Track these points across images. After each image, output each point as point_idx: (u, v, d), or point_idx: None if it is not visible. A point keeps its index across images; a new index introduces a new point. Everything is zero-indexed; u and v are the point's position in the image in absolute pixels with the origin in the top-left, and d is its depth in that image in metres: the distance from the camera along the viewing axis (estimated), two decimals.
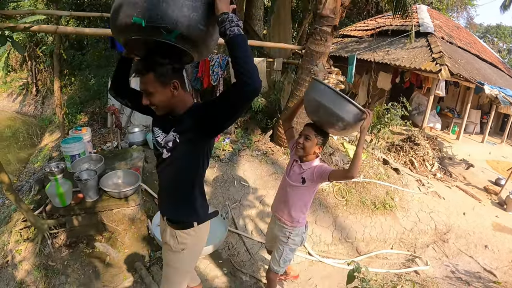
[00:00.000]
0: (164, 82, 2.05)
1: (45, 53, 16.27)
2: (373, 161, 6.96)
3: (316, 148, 3.09)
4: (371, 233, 5.60)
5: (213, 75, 7.83)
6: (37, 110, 17.17)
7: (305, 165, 3.14)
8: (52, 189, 4.55)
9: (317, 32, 5.78)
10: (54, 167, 4.63)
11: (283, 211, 3.34)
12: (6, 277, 4.29)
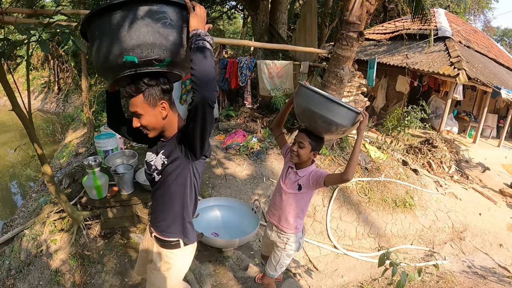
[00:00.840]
0: (153, 104, 2.06)
1: (67, 52, 16.59)
2: (393, 162, 7.15)
3: (311, 154, 2.96)
4: (392, 229, 5.79)
5: (241, 77, 8.10)
6: (59, 108, 17.49)
7: (301, 172, 3.03)
8: (90, 182, 4.76)
9: (343, 37, 5.98)
10: (92, 161, 4.85)
11: (279, 218, 3.23)
12: (40, 265, 4.47)
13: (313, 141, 2.90)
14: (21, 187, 10.77)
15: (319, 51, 6.91)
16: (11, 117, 17.76)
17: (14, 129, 16.13)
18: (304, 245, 5.13)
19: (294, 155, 2.95)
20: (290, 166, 3.14)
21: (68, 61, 17.04)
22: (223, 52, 10.11)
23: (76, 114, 14.76)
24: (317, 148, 2.96)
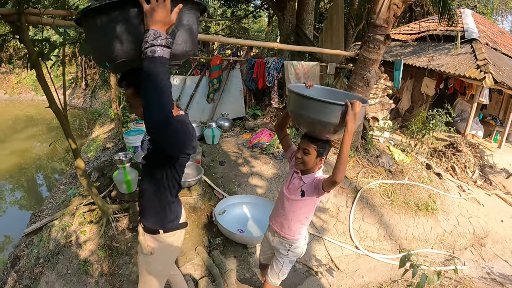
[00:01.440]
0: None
1: None
2: (417, 165, 7.16)
3: (318, 160, 2.82)
4: (413, 232, 5.80)
5: (269, 77, 8.20)
6: (86, 103, 17.86)
7: (306, 178, 2.90)
8: (120, 176, 4.94)
9: (370, 40, 6.01)
10: (122, 156, 5.01)
11: (281, 225, 3.12)
12: (69, 255, 4.61)
13: (318, 147, 2.74)
14: (47, 179, 11.08)
15: (346, 53, 6.94)
16: (38, 111, 18.23)
17: (41, 123, 16.55)
18: (326, 244, 5.21)
19: (299, 162, 2.83)
20: (295, 171, 3.01)
21: None
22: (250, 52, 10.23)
23: (103, 110, 15.08)
24: (324, 153, 2.81)
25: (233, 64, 9.37)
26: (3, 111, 18.72)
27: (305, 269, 4.80)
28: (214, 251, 4.71)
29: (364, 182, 6.21)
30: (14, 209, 9.36)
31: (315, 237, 5.28)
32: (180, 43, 1.87)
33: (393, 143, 7.79)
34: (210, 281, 4.27)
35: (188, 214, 5.25)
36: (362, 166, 6.53)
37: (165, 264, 2.68)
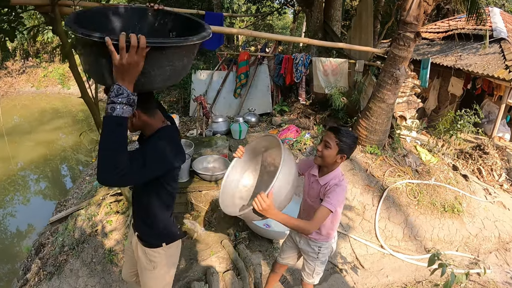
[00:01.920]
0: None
1: None
2: (443, 166, 7.05)
3: (338, 157, 2.66)
4: (438, 234, 5.72)
5: (297, 73, 8.21)
6: None
7: (323, 180, 2.77)
8: None
9: (400, 37, 5.95)
10: None
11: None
12: (95, 244, 4.71)
13: (341, 142, 2.61)
14: (71, 170, 11.26)
15: (376, 50, 6.89)
16: (64, 104, 18.55)
17: (67, 116, 16.80)
18: (352, 242, 5.20)
19: (318, 155, 2.71)
20: (312, 174, 2.89)
21: None
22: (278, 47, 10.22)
23: None
24: (346, 151, 2.65)
25: (261, 59, 9.40)
26: (30, 104, 19.07)
27: (330, 266, 4.79)
28: (240, 245, 4.73)
29: (391, 181, 6.16)
30: (39, 198, 9.54)
31: (341, 234, 5.28)
32: (159, 81, 1.79)
33: (419, 143, 7.68)
34: (235, 274, 4.30)
35: (214, 207, 5.31)
36: (389, 165, 6.47)
37: (169, 275, 2.64)
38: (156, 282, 2.55)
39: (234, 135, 7.39)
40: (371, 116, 6.48)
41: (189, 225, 5.03)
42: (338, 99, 7.25)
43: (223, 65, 10.06)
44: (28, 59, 21.94)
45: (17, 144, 12.95)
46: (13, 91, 20.16)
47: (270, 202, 2.14)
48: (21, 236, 7.58)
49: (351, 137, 2.66)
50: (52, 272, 4.59)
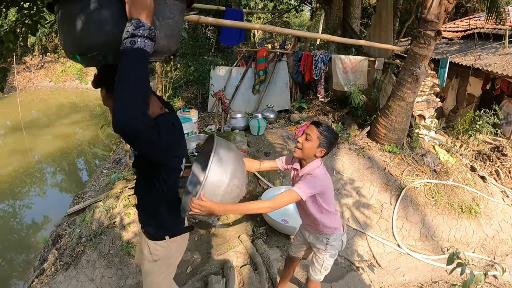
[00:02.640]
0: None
1: None
2: (461, 167, 6.98)
3: (318, 151, 2.64)
4: (455, 235, 5.67)
5: (316, 70, 8.21)
6: None
7: (302, 171, 2.76)
8: None
9: (421, 35, 5.90)
10: None
11: (311, 226, 3.05)
12: (112, 236, 4.73)
13: (322, 136, 2.60)
14: (87, 164, 11.39)
15: (395, 47, 6.83)
16: (82, 99, 18.78)
17: (84, 110, 17.01)
18: (369, 240, 5.18)
19: (298, 147, 2.69)
20: (294, 168, 2.89)
21: None
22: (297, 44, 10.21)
23: None
24: (326, 145, 2.63)
25: (280, 56, 9.40)
26: (48, 98, 19.35)
27: (346, 263, 4.79)
28: (257, 240, 4.75)
29: (409, 180, 6.12)
30: (55, 191, 9.67)
31: (358, 232, 5.26)
32: (162, 37, 1.67)
33: (438, 142, 7.61)
34: (252, 269, 4.31)
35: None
36: (407, 164, 6.44)
37: (170, 271, 2.61)
38: (155, 276, 2.52)
39: (253, 131, 7.40)
40: (390, 115, 6.45)
41: (207, 219, 5.05)
42: (357, 97, 7.22)
43: (242, 62, 10.11)
44: (47, 54, 22.28)
45: (35, 137, 13.15)
46: (32, 85, 20.48)
47: (207, 202, 2.10)
48: (37, 228, 7.69)
49: (333, 133, 2.67)
50: (69, 262, 4.63)
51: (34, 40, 20.92)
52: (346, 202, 5.69)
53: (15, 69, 19.28)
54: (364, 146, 6.81)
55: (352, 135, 7.12)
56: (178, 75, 10.07)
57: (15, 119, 14.57)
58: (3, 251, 6.79)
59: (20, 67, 20.71)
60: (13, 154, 11.46)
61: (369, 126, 7.20)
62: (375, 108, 7.42)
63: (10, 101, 17.37)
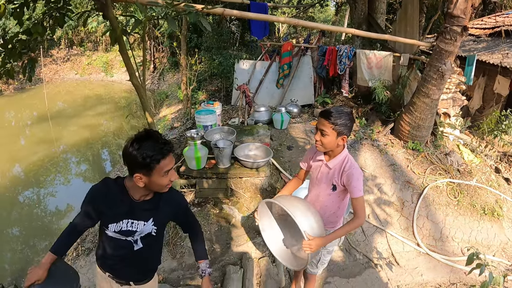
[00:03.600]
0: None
1: (163, 34, 17.46)
2: (485, 168, 6.86)
3: (339, 140, 2.54)
4: (476, 237, 5.56)
5: (340, 65, 8.16)
6: (154, 85, 18.49)
7: (331, 163, 2.67)
8: (191, 153, 5.12)
9: (447, 31, 5.80)
10: (194, 134, 5.23)
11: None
12: None
13: (337, 126, 2.47)
14: (111, 154, 11.59)
15: (421, 43, 6.74)
16: (107, 91, 19.06)
17: (109, 102, 17.28)
18: (388, 238, 5.14)
19: (319, 144, 2.59)
20: (318, 160, 2.79)
21: (164, 43, 17.89)
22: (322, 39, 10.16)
23: (170, 92, 15.60)
24: (345, 131, 2.52)
25: (304, 50, 9.36)
26: (74, 90, 19.71)
27: (365, 260, 4.76)
28: None
29: (432, 179, 6.03)
30: (79, 180, 9.88)
31: (378, 229, 5.21)
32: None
33: (462, 142, 7.48)
34: (270, 261, 4.33)
35: (253, 194, 5.38)
36: (430, 162, 6.34)
37: None
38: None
39: (276, 125, 7.41)
40: (414, 111, 6.37)
41: (228, 210, 5.11)
42: (382, 92, 7.15)
43: (266, 55, 10.10)
44: (72, 47, 22.66)
45: (60, 127, 13.42)
46: (58, 77, 20.88)
47: (314, 240, 2.44)
48: (60, 215, 7.86)
49: (345, 115, 2.51)
50: (90, 248, 4.75)
51: (61, 33, 21.31)
52: (367, 199, 5.64)
53: (42, 62, 19.72)
54: (387, 143, 6.76)
55: (375, 132, 7.06)
56: (202, 68, 10.14)
57: (42, 110, 14.90)
58: (28, 237, 6.97)
59: (46, 60, 21.14)
60: (39, 144, 11.72)
61: (392, 123, 7.14)
62: (399, 104, 7.33)
63: (36, 93, 17.74)
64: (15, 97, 17.72)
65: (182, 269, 4.34)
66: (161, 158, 2.00)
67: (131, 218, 2.23)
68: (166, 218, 2.42)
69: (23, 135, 13.36)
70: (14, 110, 16.12)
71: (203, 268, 2.52)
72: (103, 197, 2.22)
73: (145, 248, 2.32)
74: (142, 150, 1.97)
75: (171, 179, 2.13)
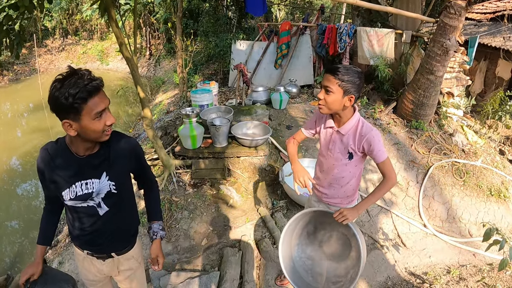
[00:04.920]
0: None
1: (158, 21, 17.27)
2: (490, 149, 6.70)
3: (346, 100, 2.27)
4: (483, 218, 5.37)
5: (340, 43, 7.95)
6: (150, 72, 18.37)
7: (344, 129, 2.42)
8: (186, 131, 4.91)
9: (451, 5, 5.62)
10: (189, 111, 5.03)
11: (331, 195, 2.74)
12: None
13: (344, 82, 2.20)
14: None
15: (425, 18, 6.54)
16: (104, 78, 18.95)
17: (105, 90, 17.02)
18: (394, 218, 4.97)
19: (321, 104, 2.33)
20: (328, 127, 2.53)
21: (160, 29, 17.73)
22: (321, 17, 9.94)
23: (166, 78, 15.52)
24: (352, 90, 2.24)
25: (303, 30, 9.14)
26: None
27: (370, 241, 4.58)
28: (277, 213, 4.61)
29: (436, 158, 5.86)
30: None
31: (383, 209, 5.02)
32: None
33: (465, 123, 7.31)
34: (271, 243, 4.15)
35: (252, 174, 5.21)
36: (434, 142, 6.17)
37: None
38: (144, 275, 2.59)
39: (275, 105, 7.20)
40: (418, 89, 6.20)
41: (225, 191, 4.93)
42: (384, 70, 6.95)
43: (263, 36, 9.92)
44: (67, 37, 22.46)
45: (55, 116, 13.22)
46: (53, 67, 20.70)
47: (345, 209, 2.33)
48: None
49: (354, 73, 2.25)
50: None
51: (55, 23, 21.12)
52: (371, 178, 5.46)
53: (37, 52, 19.54)
54: (389, 122, 6.59)
55: (377, 111, 6.89)
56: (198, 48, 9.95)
57: (37, 100, 14.75)
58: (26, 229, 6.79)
59: (41, 50, 20.92)
60: (35, 132, 11.62)
61: (395, 102, 6.97)
62: (402, 82, 7.16)
63: (32, 83, 17.61)
64: (10, 88, 17.53)
65: (177, 253, 4.16)
66: (87, 96, 1.70)
67: (82, 178, 1.94)
68: (123, 170, 2.07)
69: (19, 125, 13.22)
70: (9, 101, 15.95)
71: (155, 230, 2.30)
72: (48, 165, 1.94)
73: (112, 210, 2.07)
74: (64, 89, 1.66)
75: (106, 123, 1.82)
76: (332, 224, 2.64)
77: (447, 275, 4.27)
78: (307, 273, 2.73)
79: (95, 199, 1.98)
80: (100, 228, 2.10)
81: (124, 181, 2.12)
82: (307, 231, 2.80)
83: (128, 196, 2.21)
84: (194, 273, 3.72)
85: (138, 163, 2.17)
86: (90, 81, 1.72)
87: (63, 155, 1.92)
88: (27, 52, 20.02)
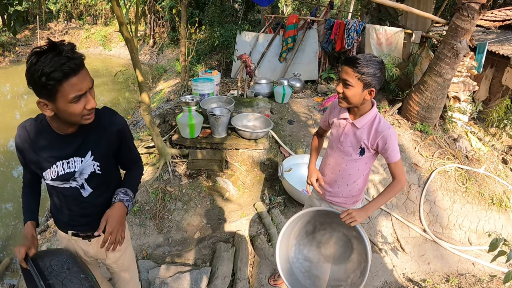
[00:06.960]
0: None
1: (163, 8, 17.11)
2: (493, 157, 6.60)
3: (365, 93, 2.16)
4: (484, 226, 5.30)
5: (348, 39, 7.85)
6: (152, 60, 18.27)
7: (359, 122, 2.29)
8: (184, 119, 4.77)
9: (464, 7, 5.51)
10: (189, 99, 4.88)
11: (335, 193, 2.61)
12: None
13: (363, 75, 2.07)
14: None
15: (437, 18, 6.42)
16: (104, 65, 18.88)
17: (106, 76, 17.11)
18: (394, 221, 4.86)
19: (341, 97, 2.23)
20: (343, 118, 2.39)
21: (165, 17, 17.59)
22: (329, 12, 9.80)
23: (169, 66, 15.45)
24: (373, 83, 2.12)
25: (310, 24, 9.01)
26: None
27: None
28: (274, 210, 4.49)
29: (440, 163, 5.74)
30: None
31: (383, 212, 4.91)
32: None
33: (470, 129, 7.21)
34: (266, 240, 4.02)
35: (250, 168, 5.09)
36: (438, 146, 6.07)
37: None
38: (133, 257, 2.46)
39: (277, 99, 7.09)
40: (425, 91, 6.09)
41: (221, 184, 4.80)
42: (391, 70, 6.83)
43: (269, 28, 9.82)
44: (71, 20, 22.35)
45: None
46: None
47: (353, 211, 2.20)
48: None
49: (374, 64, 2.10)
50: None
51: (60, 6, 20.97)
52: (372, 179, 5.34)
53: (39, 34, 19.53)
54: (394, 123, 6.48)
55: (382, 111, 6.78)
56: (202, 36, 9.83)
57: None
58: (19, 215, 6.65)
59: (44, 33, 20.82)
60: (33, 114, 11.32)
61: (400, 102, 6.86)
62: (409, 83, 7.05)
63: None
64: (11, 69, 17.50)
65: (168, 245, 4.04)
66: (62, 77, 1.49)
67: (65, 157, 1.80)
68: (108, 148, 1.91)
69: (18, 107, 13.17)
70: (9, 83, 15.89)
71: (121, 196, 1.92)
72: (26, 144, 1.82)
73: (96, 192, 1.93)
74: (38, 66, 1.47)
75: (86, 107, 1.64)
76: (333, 225, 2.52)
77: (446, 284, 4.17)
78: (304, 276, 2.61)
79: (78, 180, 1.85)
80: (83, 211, 1.97)
81: (110, 162, 1.98)
82: (306, 231, 2.67)
83: (114, 177, 2.07)
84: (184, 267, 3.60)
85: (125, 143, 2.01)
86: (67, 60, 1.50)
87: (44, 132, 1.79)
88: (29, 33, 19.91)
